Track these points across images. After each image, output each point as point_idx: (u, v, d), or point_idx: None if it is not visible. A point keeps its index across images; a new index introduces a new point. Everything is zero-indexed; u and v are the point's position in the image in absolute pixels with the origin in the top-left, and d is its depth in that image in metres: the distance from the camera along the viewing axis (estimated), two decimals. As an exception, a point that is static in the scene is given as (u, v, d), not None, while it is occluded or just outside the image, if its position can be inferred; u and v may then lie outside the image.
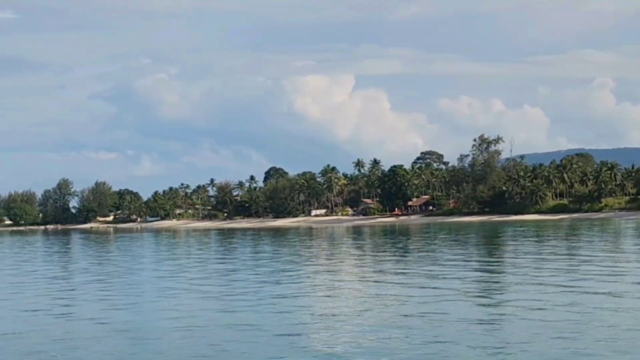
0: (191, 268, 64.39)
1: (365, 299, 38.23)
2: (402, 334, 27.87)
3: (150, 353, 26.64)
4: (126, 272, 62.75)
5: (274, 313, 34.25)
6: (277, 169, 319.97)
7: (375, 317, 32.27)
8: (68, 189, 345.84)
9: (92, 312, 36.65)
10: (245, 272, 56.63)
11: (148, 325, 32.12)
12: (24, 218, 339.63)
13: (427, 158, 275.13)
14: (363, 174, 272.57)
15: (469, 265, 56.81)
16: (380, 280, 47.27)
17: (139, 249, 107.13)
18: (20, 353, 27.27)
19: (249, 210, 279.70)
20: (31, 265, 76.35)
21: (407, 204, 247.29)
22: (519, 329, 28.53)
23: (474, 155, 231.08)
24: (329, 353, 25.30)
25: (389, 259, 67.82)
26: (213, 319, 32.82)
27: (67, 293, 46.58)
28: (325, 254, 78.15)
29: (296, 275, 53.41)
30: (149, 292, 45.36)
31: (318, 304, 36.61)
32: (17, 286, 52.29)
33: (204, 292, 43.90)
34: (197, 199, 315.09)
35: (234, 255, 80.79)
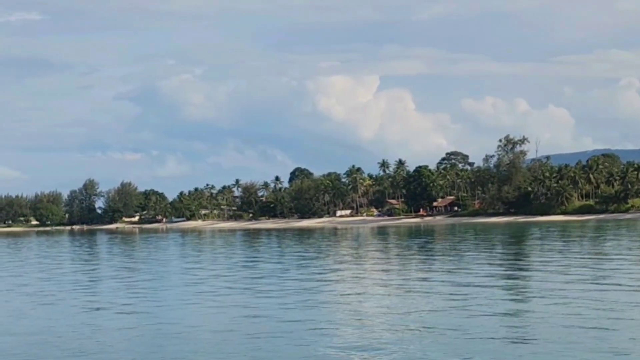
0: (219, 269, 64.63)
1: (393, 301, 38.29)
2: (429, 338, 28.00)
3: (188, 352, 26.94)
4: (157, 272, 63.12)
5: (299, 314, 34.44)
6: (302, 169, 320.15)
7: (401, 319, 32.32)
8: (94, 189, 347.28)
9: (129, 312, 37.09)
10: (273, 273, 56.87)
11: (179, 327, 32.39)
12: (50, 218, 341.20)
13: (452, 158, 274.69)
14: (388, 175, 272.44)
15: (496, 266, 56.80)
16: (407, 281, 47.31)
17: (168, 249, 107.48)
18: (63, 352, 27.69)
19: (274, 210, 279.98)
20: (61, 266, 76.88)
21: (432, 205, 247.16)
22: (546, 330, 28.55)
23: (500, 155, 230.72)
24: (354, 354, 25.54)
25: (415, 260, 67.89)
26: (239, 320, 33.01)
27: (113, 295, 46.89)
28: (351, 255, 78.21)
29: (323, 276, 53.58)
30: (180, 294, 45.63)
31: (343, 306, 36.55)
32: (49, 287, 52.72)
33: (231, 292, 44.22)
34: (223, 200, 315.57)
35: (261, 257, 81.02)
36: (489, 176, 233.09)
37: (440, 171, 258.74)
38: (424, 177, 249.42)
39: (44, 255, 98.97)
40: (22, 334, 31.49)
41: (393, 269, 57.52)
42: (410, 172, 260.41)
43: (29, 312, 38.53)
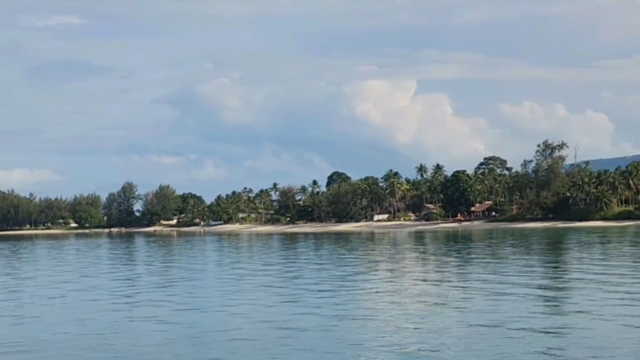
0: (257, 272, 64.87)
1: (429, 306, 38.28)
2: (466, 342, 28.08)
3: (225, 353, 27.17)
4: (199, 275, 63.50)
5: (335, 318, 34.58)
6: (339, 173, 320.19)
7: (438, 323, 32.42)
8: (132, 192, 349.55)
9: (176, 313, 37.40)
10: (309, 277, 56.98)
11: (218, 331, 32.61)
12: (89, 221, 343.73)
13: (490, 163, 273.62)
14: (425, 179, 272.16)
15: (535, 272, 56.58)
16: (444, 289, 47.27)
17: (209, 253, 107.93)
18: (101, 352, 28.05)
19: (312, 214, 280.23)
20: (111, 269, 77.51)
21: (469, 210, 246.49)
22: (584, 337, 28.54)
23: (538, 160, 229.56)
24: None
25: (452, 266, 67.75)
26: (274, 327, 33.16)
27: (164, 298, 47.22)
28: (388, 261, 78.19)
29: (360, 280, 53.68)
30: (221, 297, 45.86)
31: (378, 315, 36.39)
32: (89, 289, 53.20)
33: (269, 295, 44.44)
34: (260, 203, 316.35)
35: (299, 260, 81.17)
36: (527, 181, 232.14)
37: (478, 176, 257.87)
38: (462, 182, 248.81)
39: (93, 258, 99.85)
40: (85, 335, 31.94)
41: (430, 274, 57.39)
42: (448, 177, 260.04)
43: (91, 314, 38.90)
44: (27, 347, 29.74)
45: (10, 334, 33.24)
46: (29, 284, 59.56)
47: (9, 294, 51.17)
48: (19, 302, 45.90)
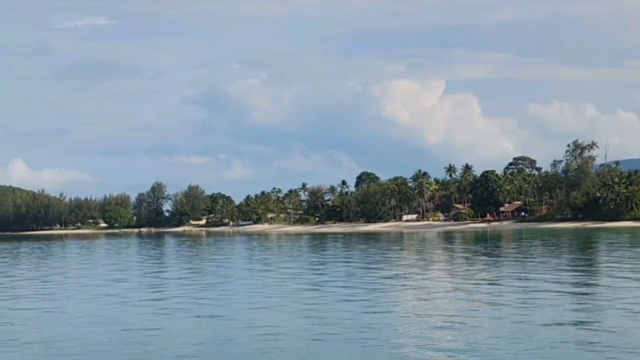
0: (288, 272, 65.04)
1: (459, 307, 38.40)
2: (496, 342, 28.17)
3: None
4: (230, 275, 63.79)
5: (364, 317, 34.75)
6: (368, 173, 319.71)
7: (469, 323, 32.52)
8: (162, 192, 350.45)
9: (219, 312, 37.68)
10: (339, 277, 57.18)
11: (250, 329, 32.84)
12: (118, 221, 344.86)
13: (519, 163, 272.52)
14: (454, 179, 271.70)
15: (566, 272, 56.50)
16: (475, 287, 47.34)
17: (240, 252, 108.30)
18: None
19: (341, 214, 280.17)
20: (143, 269, 77.98)
21: (499, 210, 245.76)
22: (615, 338, 28.55)
23: (568, 160, 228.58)
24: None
25: (483, 265, 67.69)
26: (304, 323, 33.36)
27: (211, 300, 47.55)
28: (417, 260, 78.20)
29: (388, 280, 53.82)
30: (253, 297, 46.08)
31: (408, 313, 36.58)
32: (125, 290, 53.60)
33: (299, 295, 44.65)
34: (289, 203, 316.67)
35: (329, 260, 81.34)
36: (557, 181, 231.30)
37: (508, 176, 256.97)
38: (491, 182, 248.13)
39: (128, 258, 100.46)
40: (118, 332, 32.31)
41: (459, 275, 57.40)
42: (477, 177, 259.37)
43: (128, 314, 39.30)
44: (66, 348, 30.13)
45: (48, 333, 33.64)
46: (66, 282, 60.08)
47: (43, 293, 51.63)
48: (56, 302, 46.27)
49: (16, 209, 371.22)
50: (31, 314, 40.14)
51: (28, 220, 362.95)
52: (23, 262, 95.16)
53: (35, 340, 31.36)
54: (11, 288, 56.33)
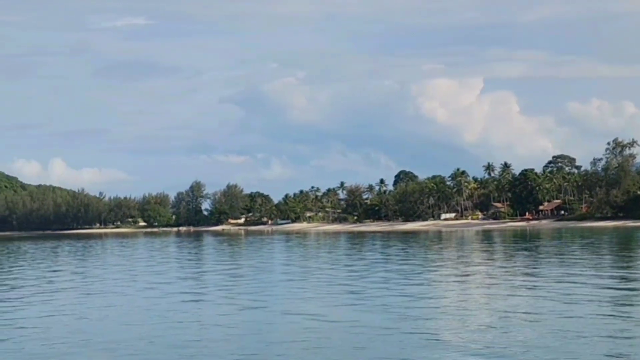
0: (329, 270, 65.30)
1: (499, 307, 38.40)
2: (536, 341, 28.20)
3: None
4: (278, 269, 64.17)
5: (409, 317, 34.90)
6: (406, 172, 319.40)
7: (507, 323, 32.55)
8: (200, 191, 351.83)
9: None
10: (379, 275, 57.31)
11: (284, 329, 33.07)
12: (157, 220, 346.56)
13: (558, 162, 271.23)
14: (493, 178, 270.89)
15: (606, 271, 56.28)
16: (514, 286, 47.27)
17: (282, 251, 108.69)
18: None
19: (379, 213, 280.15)
20: (202, 267, 78.54)
21: (538, 208, 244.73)
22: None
23: (608, 159, 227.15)
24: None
25: (523, 264, 67.50)
26: (339, 325, 33.52)
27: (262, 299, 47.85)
28: (457, 259, 78.14)
29: (428, 279, 53.91)
30: (289, 296, 46.34)
31: (447, 315, 36.41)
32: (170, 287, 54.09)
33: (337, 296, 44.86)
34: (327, 202, 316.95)
35: (367, 258, 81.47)
36: (596, 180, 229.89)
37: (547, 174, 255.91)
38: (530, 181, 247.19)
39: (171, 256, 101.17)
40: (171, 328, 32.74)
41: (499, 275, 57.27)
42: (516, 176, 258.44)
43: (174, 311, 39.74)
44: (108, 345, 30.57)
45: (88, 330, 34.11)
46: (110, 280, 60.73)
47: (81, 291, 52.24)
48: (99, 300, 46.80)
49: (56, 208, 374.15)
50: (91, 311, 40.83)
51: (68, 219, 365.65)
52: (69, 261, 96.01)
53: (102, 338, 31.87)
54: (50, 284, 57.07)
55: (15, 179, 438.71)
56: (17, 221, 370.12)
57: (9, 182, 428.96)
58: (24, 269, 79.85)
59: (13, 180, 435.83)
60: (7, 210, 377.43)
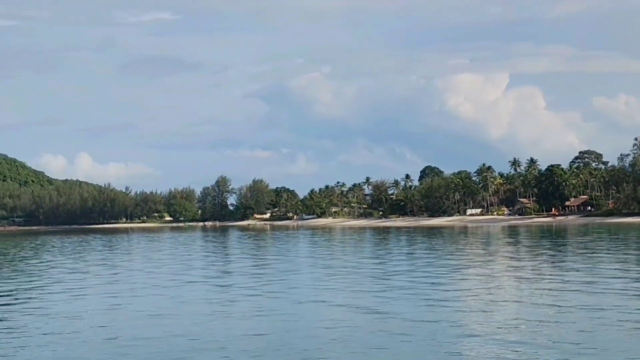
0: (355, 266, 65.40)
1: (525, 306, 38.33)
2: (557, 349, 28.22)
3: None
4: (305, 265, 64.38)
5: (427, 314, 34.98)
6: (432, 167, 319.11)
7: (531, 328, 32.50)
8: (226, 186, 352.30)
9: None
10: (404, 271, 57.40)
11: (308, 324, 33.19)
12: (183, 214, 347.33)
13: (585, 157, 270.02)
14: (519, 173, 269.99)
15: (631, 269, 56.12)
16: (541, 284, 47.24)
17: (307, 246, 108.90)
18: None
19: (404, 209, 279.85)
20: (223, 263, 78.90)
21: (564, 204, 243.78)
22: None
23: (635, 154, 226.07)
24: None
25: (550, 260, 67.37)
26: (366, 319, 33.62)
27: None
28: (483, 255, 78.07)
29: (452, 277, 53.94)
30: (315, 290, 46.47)
31: (473, 312, 36.41)
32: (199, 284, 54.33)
33: (361, 290, 44.98)
34: (353, 197, 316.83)
35: (392, 253, 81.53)
36: (623, 175, 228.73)
37: (573, 170, 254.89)
38: (556, 176, 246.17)
39: (201, 251, 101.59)
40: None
41: (525, 271, 57.21)
42: (542, 171, 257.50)
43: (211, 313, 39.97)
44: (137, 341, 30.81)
45: (117, 324, 34.38)
46: (141, 275, 61.11)
47: (112, 285, 52.61)
48: (130, 294, 47.14)
49: (83, 202, 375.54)
50: (136, 305, 41.33)
51: (94, 213, 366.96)
52: (105, 255, 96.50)
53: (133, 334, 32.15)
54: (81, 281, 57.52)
55: (42, 174, 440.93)
56: (44, 216, 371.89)
57: (35, 177, 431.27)
58: (65, 263, 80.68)
59: (40, 174, 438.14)
60: (34, 204, 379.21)
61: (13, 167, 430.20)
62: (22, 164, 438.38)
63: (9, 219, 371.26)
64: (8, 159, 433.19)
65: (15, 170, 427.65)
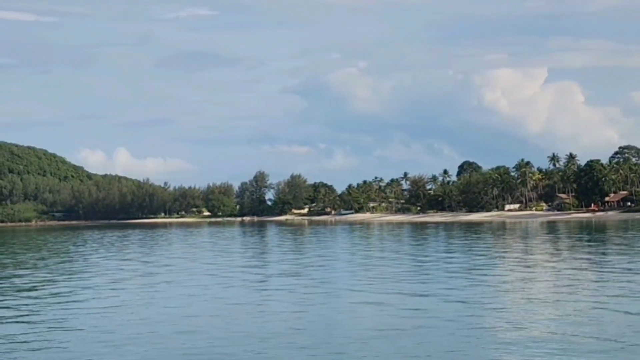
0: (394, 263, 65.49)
1: (564, 303, 38.29)
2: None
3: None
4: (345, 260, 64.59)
5: (465, 309, 35.08)
6: (470, 163, 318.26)
7: (570, 325, 32.47)
8: (264, 181, 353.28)
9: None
10: (445, 267, 57.47)
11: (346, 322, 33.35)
12: (221, 209, 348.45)
13: (625, 152, 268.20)
14: (558, 169, 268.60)
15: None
16: (578, 283, 47.12)
17: (347, 242, 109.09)
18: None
19: (442, 204, 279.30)
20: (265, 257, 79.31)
21: (604, 200, 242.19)
22: None
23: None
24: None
25: (591, 255, 67.10)
26: (402, 315, 33.70)
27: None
28: (522, 250, 77.88)
29: (496, 270, 53.95)
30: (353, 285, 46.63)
31: (509, 308, 36.38)
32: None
33: (399, 287, 45.08)
34: (391, 193, 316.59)
35: (430, 248, 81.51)
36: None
37: (613, 165, 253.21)
38: (596, 172, 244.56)
39: (246, 246, 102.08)
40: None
41: (564, 267, 57.05)
42: (581, 166, 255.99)
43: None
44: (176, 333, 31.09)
45: (157, 318, 34.75)
46: (183, 270, 61.57)
47: (151, 280, 53.09)
48: (169, 287, 47.54)
49: (122, 197, 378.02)
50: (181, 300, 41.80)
51: (133, 208, 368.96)
52: (151, 250, 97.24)
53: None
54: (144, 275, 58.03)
55: (82, 169, 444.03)
56: (83, 210, 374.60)
57: (75, 172, 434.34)
58: (109, 257, 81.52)
59: (79, 169, 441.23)
60: (73, 199, 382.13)
61: (53, 162, 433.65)
62: (61, 159, 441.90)
63: (48, 213, 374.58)
64: (48, 154, 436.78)
65: (55, 166, 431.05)
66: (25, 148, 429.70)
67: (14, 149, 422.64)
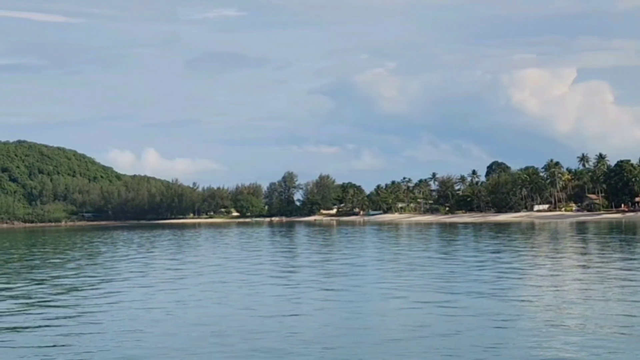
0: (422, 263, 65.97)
1: (602, 301, 38.69)
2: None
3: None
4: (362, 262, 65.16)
5: (492, 310, 35.47)
6: (499, 163, 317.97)
7: (600, 326, 32.90)
8: (293, 181, 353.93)
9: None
10: (476, 267, 57.92)
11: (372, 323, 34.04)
12: (250, 210, 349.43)
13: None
14: (587, 169, 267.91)
15: None
16: (608, 285, 47.50)
17: (378, 243, 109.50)
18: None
19: (471, 204, 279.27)
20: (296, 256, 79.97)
21: (634, 200, 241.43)
22: None
23: None
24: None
25: (621, 257, 67.33)
26: (431, 317, 33.94)
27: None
28: (552, 252, 78.13)
29: (519, 274, 54.23)
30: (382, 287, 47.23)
31: (538, 309, 36.15)
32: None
33: (427, 287, 45.68)
34: (419, 193, 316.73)
35: (462, 250, 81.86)
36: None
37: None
38: (626, 172, 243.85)
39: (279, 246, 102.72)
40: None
41: (594, 269, 57.27)
42: (611, 167, 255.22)
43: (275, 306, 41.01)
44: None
45: (191, 317, 35.46)
46: (213, 270, 62.30)
47: (178, 277, 53.85)
48: (199, 287, 48.25)
49: (151, 198, 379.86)
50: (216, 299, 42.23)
51: (162, 209, 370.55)
52: (184, 250, 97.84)
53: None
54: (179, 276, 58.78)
55: (111, 169, 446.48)
56: (113, 211, 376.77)
57: (104, 172, 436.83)
58: (141, 257, 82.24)
59: (108, 170, 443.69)
60: (102, 199, 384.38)
61: (82, 162, 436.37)
62: (91, 159, 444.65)
63: (78, 214, 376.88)
64: (77, 154, 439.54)
65: (85, 166, 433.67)
66: (54, 149, 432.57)
67: (43, 150, 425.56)
